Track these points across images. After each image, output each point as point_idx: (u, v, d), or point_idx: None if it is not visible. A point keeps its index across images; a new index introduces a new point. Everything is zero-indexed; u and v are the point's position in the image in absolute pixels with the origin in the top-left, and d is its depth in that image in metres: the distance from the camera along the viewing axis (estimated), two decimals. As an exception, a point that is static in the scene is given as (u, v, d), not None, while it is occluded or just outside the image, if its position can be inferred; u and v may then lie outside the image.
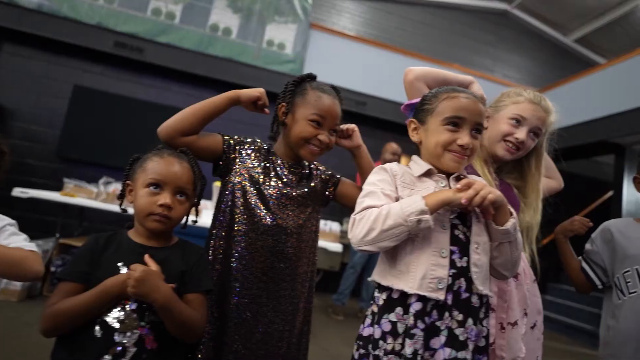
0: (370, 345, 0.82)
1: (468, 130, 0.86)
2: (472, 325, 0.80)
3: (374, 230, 0.79)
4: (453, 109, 0.87)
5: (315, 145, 1.02)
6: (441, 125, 0.87)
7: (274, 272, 0.99)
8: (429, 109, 0.91)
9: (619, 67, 4.37)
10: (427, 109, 0.91)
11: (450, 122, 0.86)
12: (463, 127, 0.86)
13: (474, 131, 0.87)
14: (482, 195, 0.76)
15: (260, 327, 0.98)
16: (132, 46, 4.10)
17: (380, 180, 0.88)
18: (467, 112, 0.86)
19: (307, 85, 1.05)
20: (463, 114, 0.86)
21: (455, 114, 0.86)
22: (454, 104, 0.87)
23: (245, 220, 1.00)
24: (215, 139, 1.03)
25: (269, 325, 0.99)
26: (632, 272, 1.07)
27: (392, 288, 0.82)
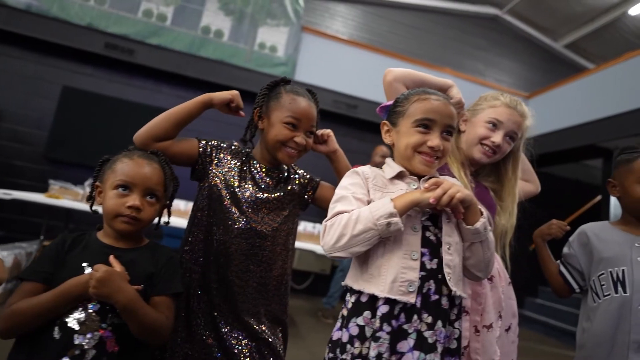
0: (339, 349, 0.81)
1: (438, 132, 0.86)
2: (442, 327, 0.79)
3: (344, 236, 0.79)
4: (423, 111, 0.87)
5: (292, 147, 1.02)
6: (412, 127, 0.87)
7: (248, 275, 0.99)
8: (400, 111, 0.91)
9: (607, 72, 4.43)
10: (399, 111, 0.91)
11: (421, 124, 0.86)
12: (433, 129, 0.86)
13: (444, 133, 0.87)
14: (450, 194, 0.76)
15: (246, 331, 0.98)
16: (122, 47, 4.09)
17: (352, 184, 0.88)
18: (438, 114, 0.86)
19: (281, 89, 1.06)
20: (433, 116, 0.86)
21: (426, 115, 0.86)
22: (425, 106, 0.87)
23: (219, 223, 1.00)
24: (191, 143, 1.03)
25: (241, 329, 0.98)
26: (606, 275, 1.08)
27: (362, 292, 0.81)
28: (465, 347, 0.96)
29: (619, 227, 1.13)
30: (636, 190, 1.07)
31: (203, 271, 1.00)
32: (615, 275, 1.05)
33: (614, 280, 1.05)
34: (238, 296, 0.98)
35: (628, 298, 1.01)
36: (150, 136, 0.96)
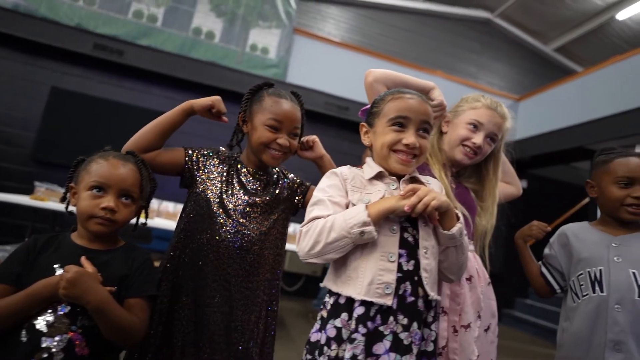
0: (316, 350, 0.81)
1: (414, 130, 0.86)
2: (417, 329, 0.79)
3: (319, 244, 0.79)
4: (397, 109, 0.87)
5: (276, 149, 1.03)
6: (387, 126, 0.87)
7: (236, 279, 0.99)
8: (376, 111, 0.91)
9: (595, 75, 4.48)
10: (375, 111, 0.92)
11: (396, 122, 0.87)
12: (408, 126, 0.86)
13: (420, 131, 0.87)
14: (424, 203, 0.76)
15: (232, 333, 0.97)
16: (112, 48, 4.06)
17: (330, 185, 0.88)
18: (412, 111, 0.86)
19: (264, 92, 1.07)
20: (408, 114, 0.86)
21: (400, 113, 0.86)
22: (399, 104, 0.88)
23: (207, 228, 1.00)
24: (177, 153, 1.05)
25: (229, 333, 0.97)
26: (584, 275, 1.08)
27: (340, 294, 0.81)
28: (443, 347, 0.95)
29: (597, 228, 1.14)
30: (612, 191, 1.08)
31: (188, 275, 0.99)
32: (593, 275, 1.06)
33: (591, 280, 1.06)
34: (224, 302, 0.97)
35: (605, 298, 1.02)
36: (137, 147, 0.99)
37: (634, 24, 5.80)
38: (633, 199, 1.04)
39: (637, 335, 0.97)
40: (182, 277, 0.99)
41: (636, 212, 1.05)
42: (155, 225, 2.96)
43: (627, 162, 1.08)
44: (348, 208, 0.85)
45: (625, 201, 1.05)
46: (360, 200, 0.84)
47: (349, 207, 0.85)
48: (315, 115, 4.59)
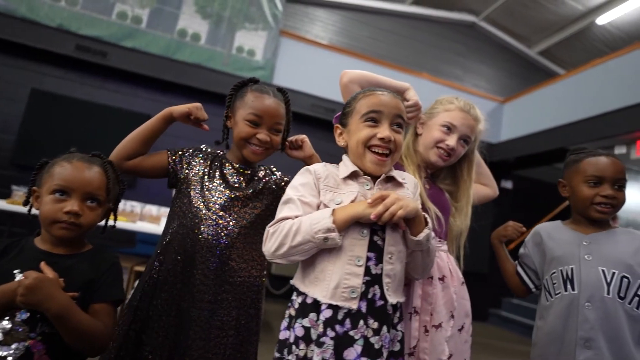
0: (285, 349, 0.80)
1: (387, 124, 0.87)
2: (387, 332, 0.79)
3: (284, 246, 0.79)
4: (370, 105, 0.87)
5: (256, 144, 1.04)
6: (361, 122, 0.88)
7: (217, 273, 0.97)
8: (349, 110, 0.92)
9: (576, 78, 4.58)
10: (348, 111, 0.92)
11: (369, 117, 0.87)
12: (382, 121, 0.87)
13: (394, 125, 0.88)
14: (391, 212, 0.76)
15: (211, 333, 0.95)
16: (95, 50, 3.99)
17: (303, 184, 0.88)
18: (384, 106, 0.87)
19: (247, 89, 1.08)
20: (380, 108, 0.87)
21: (373, 108, 0.87)
22: (371, 100, 0.88)
23: (188, 224, 1.00)
24: (161, 156, 1.07)
25: (209, 331, 0.95)
26: (557, 274, 1.09)
27: (307, 294, 0.81)
28: (414, 347, 0.95)
29: (569, 227, 1.15)
30: (582, 190, 1.09)
31: (170, 271, 0.98)
32: (565, 274, 1.07)
33: (564, 279, 1.07)
34: (204, 299, 0.96)
35: (576, 296, 1.03)
36: (121, 155, 1.01)
37: (612, 29, 5.95)
38: (602, 197, 1.06)
39: (606, 331, 0.98)
40: (164, 274, 0.98)
41: (605, 210, 1.06)
42: (139, 229, 2.92)
43: (596, 161, 1.09)
44: (319, 208, 0.84)
45: (594, 200, 1.07)
46: (331, 201, 0.84)
47: (320, 207, 0.85)
48: (302, 117, 4.59)
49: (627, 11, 5.51)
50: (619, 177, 1.07)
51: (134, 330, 0.96)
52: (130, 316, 0.97)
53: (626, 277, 1.00)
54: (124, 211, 2.96)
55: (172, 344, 0.94)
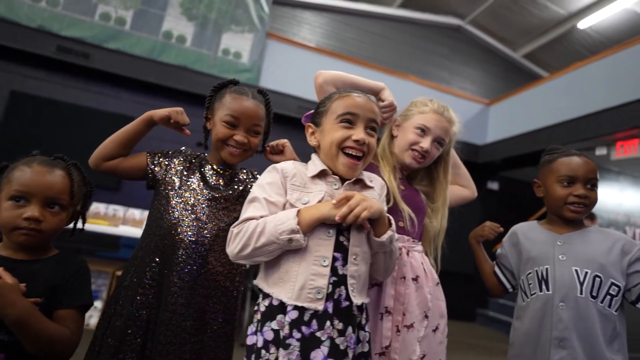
0: (253, 355, 0.78)
1: (362, 127, 0.87)
2: (352, 333, 0.79)
3: (248, 247, 0.78)
4: (346, 106, 0.87)
5: (233, 145, 1.04)
6: (335, 123, 0.87)
7: (194, 275, 0.95)
8: (323, 110, 0.91)
9: (558, 80, 4.67)
10: (322, 111, 0.91)
11: (344, 119, 0.87)
12: (357, 123, 0.87)
13: (368, 129, 0.88)
14: (355, 214, 0.76)
15: (182, 338, 0.92)
16: (77, 51, 3.92)
17: (269, 183, 0.86)
18: (360, 108, 0.87)
19: (226, 90, 1.08)
20: (356, 111, 0.87)
21: (348, 110, 0.87)
22: (347, 102, 0.88)
23: (165, 225, 0.99)
24: (140, 157, 1.07)
25: (181, 336, 0.92)
26: (533, 274, 1.09)
27: (272, 295, 0.80)
28: (387, 346, 0.95)
29: (544, 227, 1.16)
30: (556, 189, 1.10)
31: (148, 273, 0.97)
32: (540, 274, 1.07)
33: (539, 279, 1.07)
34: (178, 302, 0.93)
35: (550, 296, 1.03)
36: (99, 157, 1.02)
37: (593, 33, 6.09)
38: (575, 197, 1.07)
39: (579, 331, 0.98)
40: (141, 276, 0.97)
41: (577, 210, 1.07)
42: (122, 233, 2.87)
43: (569, 161, 1.10)
44: (285, 208, 0.83)
45: (567, 200, 1.08)
46: (298, 200, 0.83)
47: (286, 206, 0.84)
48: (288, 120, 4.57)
49: (606, 16, 5.65)
50: (590, 176, 1.08)
51: (108, 336, 0.93)
52: (106, 321, 0.95)
53: (598, 277, 1.01)
54: (106, 215, 2.90)
55: (143, 349, 0.92)
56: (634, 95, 3.60)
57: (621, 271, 1.01)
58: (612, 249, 1.03)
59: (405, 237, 1.05)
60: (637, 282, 1.00)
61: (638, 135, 3.72)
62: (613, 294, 1.00)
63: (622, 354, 0.99)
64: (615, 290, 1.00)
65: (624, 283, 1.01)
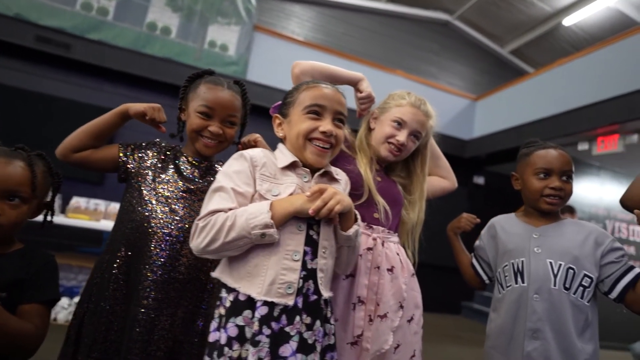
0: (216, 352, 0.75)
1: (330, 118, 0.86)
2: (320, 327, 0.79)
3: (216, 241, 0.75)
4: (313, 97, 0.86)
5: (207, 137, 1.02)
6: (302, 114, 0.86)
7: (167, 269, 0.93)
8: (290, 101, 0.90)
9: (543, 76, 4.73)
10: (289, 101, 0.90)
11: (311, 110, 0.86)
12: (324, 115, 0.86)
13: (336, 120, 0.87)
14: (329, 208, 0.76)
15: (155, 334, 0.90)
16: (57, 42, 3.81)
17: (237, 172, 0.83)
18: (328, 100, 0.86)
19: (201, 80, 1.05)
20: (323, 102, 0.86)
21: (316, 101, 0.86)
22: (314, 93, 0.87)
23: (137, 217, 0.96)
24: (111, 149, 1.04)
25: (153, 332, 0.89)
26: (509, 267, 1.10)
27: (239, 290, 0.77)
28: (359, 335, 0.95)
29: (521, 219, 1.17)
30: (533, 182, 1.11)
31: (118, 268, 0.94)
32: (516, 267, 1.09)
33: (514, 272, 1.08)
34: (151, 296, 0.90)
35: (525, 288, 1.04)
36: (68, 147, 0.99)
37: (578, 30, 6.18)
38: (550, 189, 1.08)
39: (552, 322, 1.00)
40: (112, 270, 0.94)
41: (553, 202, 1.09)
42: (104, 228, 2.82)
43: (545, 154, 1.12)
44: (254, 199, 0.81)
45: (543, 192, 1.09)
46: (268, 192, 0.81)
47: (254, 198, 0.81)
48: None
49: (590, 13, 5.74)
50: (566, 169, 1.09)
51: (82, 335, 0.91)
52: (78, 320, 0.93)
53: (572, 269, 1.02)
54: (87, 210, 2.85)
55: (114, 345, 0.90)
56: (615, 91, 3.67)
57: (594, 263, 1.03)
58: (586, 241, 1.05)
59: (380, 228, 1.05)
60: (609, 273, 1.02)
61: (618, 130, 3.80)
62: (586, 285, 1.02)
63: (594, 343, 1.01)
64: (587, 281, 1.02)
65: (596, 274, 1.03)
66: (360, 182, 1.04)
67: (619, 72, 3.71)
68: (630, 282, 0.99)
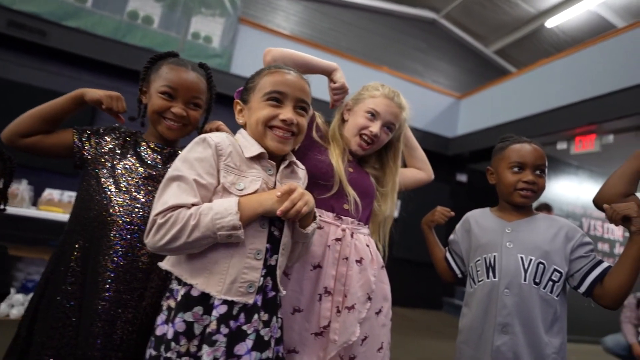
0: (163, 346, 0.72)
1: (291, 106, 0.83)
2: (275, 322, 0.79)
3: (177, 240, 0.70)
4: (274, 84, 0.82)
5: (170, 119, 0.98)
6: (262, 101, 0.83)
7: (127, 259, 0.88)
8: (251, 87, 0.86)
9: (525, 76, 4.81)
10: (250, 87, 0.86)
11: (271, 97, 0.82)
12: (285, 102, 0.83)
13: (298, 108, 0.84)
14: (297, 209, 0.74)
15: (118, 331, 0.85)
16: (32, 28, 3.66)
17: (200, 159, 0.76)
18: (289, 87, 0.83)
19: (164, 62, 1.01)
20: (284, 89, 0.82)
21: (276, 88, 0.82)
22: (275, 79, 0.83)
23: (95, 206, 0.91)
24: (65, 134, 0.98)
25: (114, 324, 0.85)
26: (481, 261, 1.11)
27: (193, 285, 0.74)
28: (325, 327, 0.94)
29: (495, 214, 1.18)
30: (507, 175, 1.12)
31: (74, 258, 0.89)
32: (488, 261, 1.09)
33: (487, 266, 1.09)
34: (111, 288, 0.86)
35: (496, 283, 1.05)
36: (14, 132, 0.93)
37: (559, 32, 6.31)
38: (524, 183, 1.09)
39: (522, 317, 1.00)
40: (68, 263, 0.89)
41: (527, 195, 1.09)
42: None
43: (520, 147, 1.12)
44: (216, 190, 0.76)
45: (517, 185, 1.09)
46: (233, 185, 0.77)
47: (217, 190, 0.77)
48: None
49: (572, 16, 5.86)
50: (539, 163, 1.10)
51: (34, 334, 0.86)
52: (28, 317, 0.88)
53: (542, 263, 1.03)
54: (60, 202, 2.75)
55: (72, 342, 0.85)
56: (592, 92, 3.76)
57: (564, 257, 1.04)
58: (557, 235, 1.06)
59: (349, 219, 1.04)
60: (578, 267, 1.03)
61: (595, 131, 3.89)
62: (555, 279, 1.03)
63: (561, 337, 1.02)
64: (557, 276, 1.03)
65: (566, 269, 1.04)
66: (331, 172, 1.03)
67: (597, 74, 3.80)
68: (598, 277, 1.00)
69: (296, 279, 0.96)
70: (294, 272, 0.96)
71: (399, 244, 5.34)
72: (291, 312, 0.95)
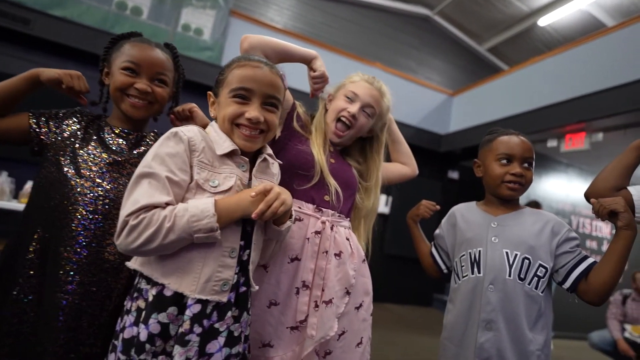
0: (134, 349, 0.68)
1: (258, 103, 0.78)
2: (246, 318, 0.78)
3: (152, 243, 0.66)
4: (241, 79, 0.78)
5: (134, 95, 0.92)
6: (229, 97, 0.78)
7: (91, 249, 0.83)
8: (221, 79, 0.82)
9: (516, 74, 4.81)
10: (221, 79, 0.82)
11: (237, 94, 0.78)
12: (252, 99, 0.78)
13: (267, 105, 0.80)
14: (272, 211, 0.72)
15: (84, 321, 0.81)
16: (14, 15, 3.56)
17: (171, 154, 0.72)
18: (256, 82, 0.78)
19: (126, 41, 0.96)
20: (250, 85, 0.78)
21: (242, 84, 0.78)
22: (242, 73, 0.78)
23: (56, 194, 0.85)
24: (20, 118, 0.91)
25: (80, 318, 0.81)
26: (466, 256, 1.09)
27: (165, 285, 0.71)
28: (302, 321, 0.92)
29: (481, 208, 1.16)
30: (494, 167, 1.10)
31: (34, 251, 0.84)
32: (473, 256, 1.07)
33: (472, 261, 1.07)
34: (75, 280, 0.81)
35: (481, 278, 1.03)
36: None
37: (552, 30, 6.34)
38: (511, 175, 1.06)
39: (506, 313, 0.99)
40: (25, 254, 0.84)
41: (514, 188, 1.07)
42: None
43: (507, 140, 1.10)
44: (190, 187, 0.73)
45: (504, 178, 1.07)
46: (207, 182, 0.74)
47: (190, 187, 0.73)
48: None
49: (564, 15, 5.89)
50: (527, 155, 1.08)
51: None
52: None
53: (527, 259, 1.01)
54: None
55: (29, 338, 0.81)
56: (582, 90, 3.77)
57: (550, 252, 1.02)
58: (543, 230, 1.04)
59: (330, 211, 1.01)
60: (564, 263, 1.01)
61: (585, 128, 3.92)
62: (540, 275, 1.01)
63: (545, 334, 1.01)
64: (542, 271, 1.01)
65: (551, 264, 1.02)
66: (311, 162, 1.00)
67: (587, 72, 3.81)
68: (582, 272, 0.99)
69: (273, 271, 0.93)
70: (271, 264, 0.94)
71: (389, 240, 5.33)
72: (267, 306, 0.92)
